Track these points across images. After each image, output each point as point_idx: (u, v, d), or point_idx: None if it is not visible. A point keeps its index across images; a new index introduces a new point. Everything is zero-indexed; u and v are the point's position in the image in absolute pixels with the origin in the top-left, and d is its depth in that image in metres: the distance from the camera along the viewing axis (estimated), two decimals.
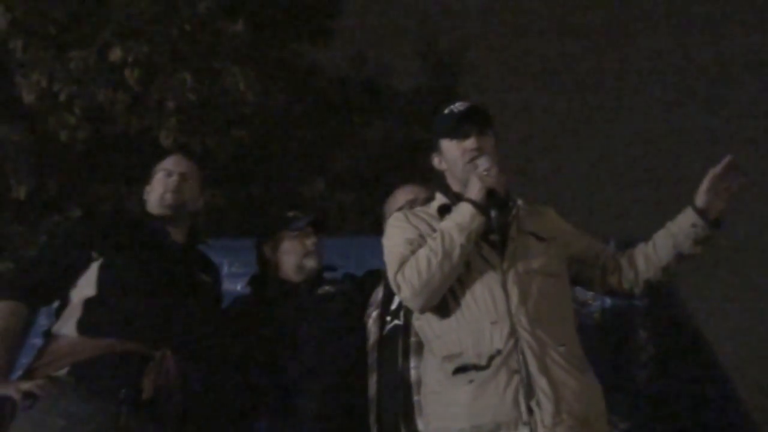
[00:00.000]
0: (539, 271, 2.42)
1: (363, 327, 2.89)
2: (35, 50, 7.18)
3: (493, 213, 2.43)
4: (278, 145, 9.10)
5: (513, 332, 2.27)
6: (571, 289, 2.59)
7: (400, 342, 2.69)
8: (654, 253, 2.53)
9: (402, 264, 2.40)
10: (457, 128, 2.54)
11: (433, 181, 2.79)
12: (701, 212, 2.42)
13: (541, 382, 2.20)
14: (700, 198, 2.43)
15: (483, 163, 2.46)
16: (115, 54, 7.29)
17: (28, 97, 7.05)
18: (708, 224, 2.41)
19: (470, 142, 2.51)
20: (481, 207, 2.39)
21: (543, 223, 2.58)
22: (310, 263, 3.08)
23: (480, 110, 2.58)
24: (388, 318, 2.80)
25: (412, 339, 2.64)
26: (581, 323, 3.22)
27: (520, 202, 2.54)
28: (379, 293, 2.91)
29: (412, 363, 2.61)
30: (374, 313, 2.87)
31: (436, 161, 2.67)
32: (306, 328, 2.87)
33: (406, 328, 2.68)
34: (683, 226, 2.45)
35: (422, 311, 2.44)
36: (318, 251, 3.12)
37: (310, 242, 3.11)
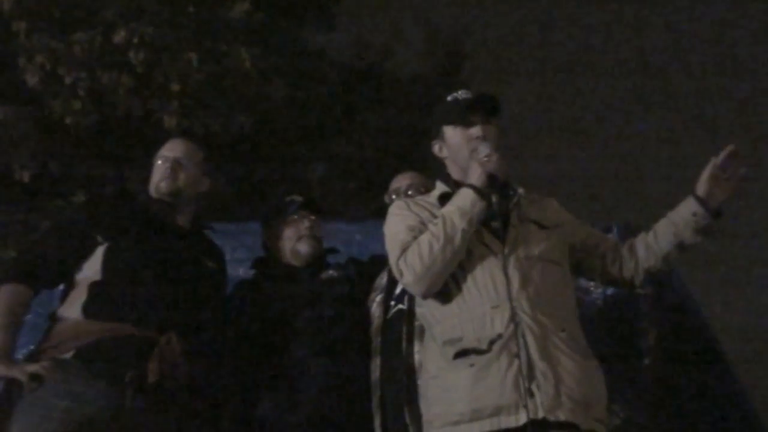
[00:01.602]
0: (540, 258, 2.43)
1: (366, 312, 2.91)
2: (39, 33, 7.16)
3: (494, 198, 2.45)
4: (280, 129, 9.08)
5: (514, 316, 2.28)
6: (572, 278, 2.60)
7: (403, 327, 2.70)
8: (655, 242, 2.53)
9: (404, 250, 2.41)
10: (463, 115, 2.54)
11: (433, 168, 2.80)
12: (702, 201, 2.42)
13: (541, 366, 2.22)
14: (701, 186, 2.43)
15: (484, 149, 2.47)
16: (120, 35, 7.26)
17: (31, 80, 7.04)
18: (709, 213, 2.41)
19: (475, 130, 2.52)
20: (482, 192, 2.40)
21: (544, 211, 2.59)
22: (303, 248, 3.07)
23: (489, 99, 2.58)
24: (392, 303, 2.81)
25: (416, 323, 2.65)
26: (584, 311, 3.24)
27: (521, 190, 2.55)
28: (383, 278, 2.92)
29: (416, 347, 2.62)
30: (378, 298, 2.88)
31: (436, 148, 2.67)
32: (308, 312, 2.88)
33: (410, 312, 2.68)
34: (684, 214, 2.45)
35: (425, 296, 2.46)
36: (313, 235, 3.11)
37: (303, 227, 3.10)
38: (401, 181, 3.26)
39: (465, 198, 2.40)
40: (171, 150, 2.97)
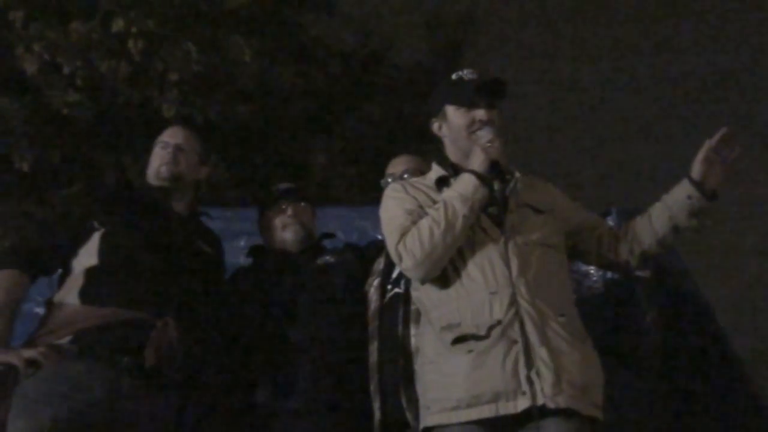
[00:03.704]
0: (538, 243, 2.42)
1: (363, 297, 2.90)
2: (36, 22, 7.14)
3: (496, 185, 2.44)
4: (281, 117, 9.06)
5: (513, 302, 2.27)
6: (568, 261, 2.58)
7: (400, 310, 2.69)
8: (650, 226, 2.52)
9: (403, 234, 2.40)
10: (469, 97, 2.52)
11: (434, 155, 2.78)
12: (697, 184, 2.41)
13: (541, 352, 2.20)
14: (696, 169, 2.42)
15: (487, 134, 2.45)
16: (118, 24, 7.24)
17: (29, 69, 7.02)
18: (704, 196, 2.40)
19: (480, 113, 2.51)
20: (484, 178, 2.39)
21: (540, 195, 2.58)
22: (288, 235, 3.10)
23: (497, 82, 2.56)
24: (389, 287, 2.81)
25: (412, 307, 2.64)
26: (583, 294, 3.24)
27: (518, 174, 2.53)
28: (380, 263, 2.91)
29: (412, 331, 2.61)
30: (375, 282, 2.87)
31: (435, 126, 2.66)
32: (305, 297, 2.88)
33: (407, 296, 2.68)
34: (679, 197, 2.45)
35: (423, 282, 2.44)
36: (298, 221, 3.13)
37: (286, 215, 3.13)
38: (397, 166, 3.24)
39: (467, 184, 2.39)
40: (171, 136, 2.99)
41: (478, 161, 2.42)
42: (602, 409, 2.29)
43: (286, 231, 3.10)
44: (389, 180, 3.14)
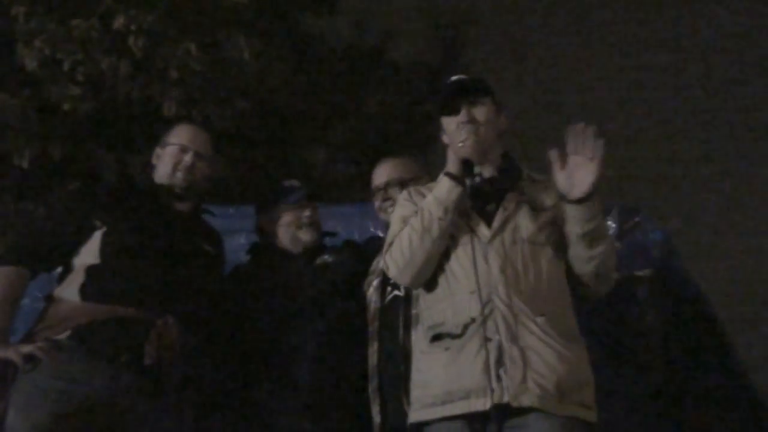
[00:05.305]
0: (528, 240, 2.39)
1: (362, 296, 2.89)
2: (38, 17, 7.12)
3: (468, 182, 2.43)
4: (281, 114, 9.05)
5: (489, 301, 2.28)
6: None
7: (401, 314, 2.69)
8: (572, 249, 2.42)
9: (392, 243, 2.46)
10: (449, 103, 2.52)
11: (434, 151, 2.79)
12: (562, 197, 2.32)
13: (512, 351, 2.20)
14: (558, 182, 2.31)
15: (462, 134, 2.44)
16: (119, 22, 7.23)
17: (30, 64, 7.00)
18: (570, 202, 2.29)
19: (462, 116, 2.48)
20: (456, 178, 2.41)
21: (545, 193, 2.52)
22: (306, 236, 3.07)
23: (468, 82, 2.53)
24: (389, 288, 2.80)
25: (413, 311, 2.63)
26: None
27: (526, 172, 2.52)
28: (380, 261, 2.90)
29: (413, 336, 2.59)
30: (375, 282, 2.86)
31: (443, 138, 2.65)
32: (303, 297, 2.88)
33: (407, 300, 2.68)
34: (565, 215, 2.35)
35: (413, 287, 2.51)
36: (315, 222, 3.11)
37: (305, 215, 3.09)
38: (378, 177, 3.17)
39: (441, 186, 2.42)
40: (192, 141, 2.94)
41: (450, 162, 2.45)
42: (594, 408, 2.25)
43: (303, 231, 3.06)
44: (377, 198, 3.12)
